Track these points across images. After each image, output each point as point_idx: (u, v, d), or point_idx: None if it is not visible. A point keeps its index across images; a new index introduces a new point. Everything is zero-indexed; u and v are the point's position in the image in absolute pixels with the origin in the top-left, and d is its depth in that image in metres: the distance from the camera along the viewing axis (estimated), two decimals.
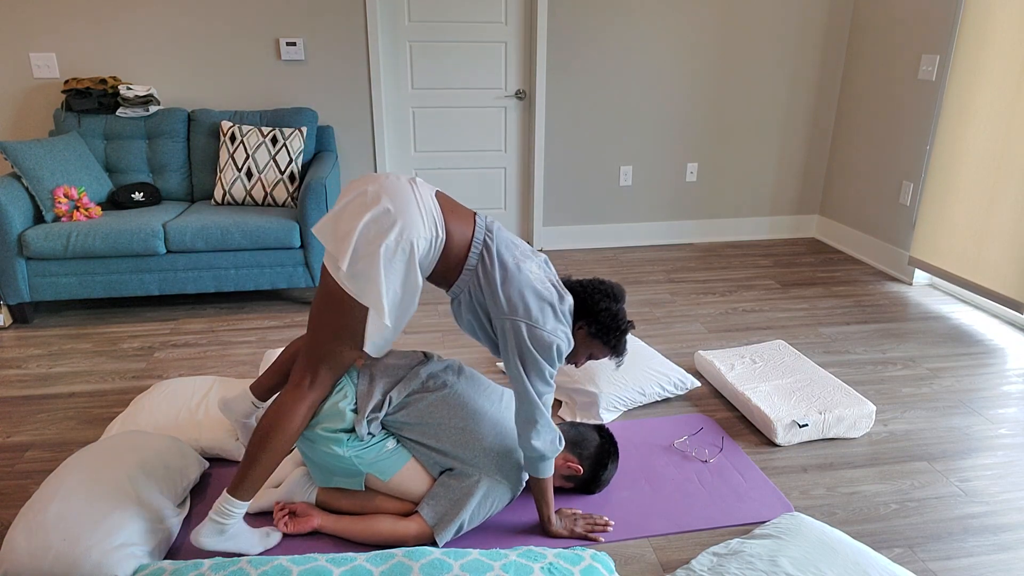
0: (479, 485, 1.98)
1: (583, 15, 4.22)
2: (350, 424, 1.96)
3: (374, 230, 1.75)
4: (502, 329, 1.87)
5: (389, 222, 1.75)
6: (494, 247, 1.90)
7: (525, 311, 1.86)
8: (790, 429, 2.48)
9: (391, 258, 1.75)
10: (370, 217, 1.75)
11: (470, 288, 1.91)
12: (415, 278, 1.81)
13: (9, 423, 2.60)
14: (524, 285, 1.88)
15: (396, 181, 1.83)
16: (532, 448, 1.91)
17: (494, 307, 1.88)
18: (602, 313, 1.99)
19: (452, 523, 1.94)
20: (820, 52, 4.56)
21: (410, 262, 1.78)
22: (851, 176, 4.60)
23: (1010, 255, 3.45)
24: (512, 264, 1.90)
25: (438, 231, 1.83)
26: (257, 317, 3.55)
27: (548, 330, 1.86)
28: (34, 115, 3.90)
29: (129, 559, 1.76)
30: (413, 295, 1.83)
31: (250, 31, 3.94)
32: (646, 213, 4.74)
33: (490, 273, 1.88)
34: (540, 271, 1.97)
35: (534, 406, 1.88)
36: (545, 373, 1.89)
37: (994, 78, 3.49)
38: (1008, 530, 2.10)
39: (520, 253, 1.95)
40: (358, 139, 4.25)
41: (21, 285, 3.33)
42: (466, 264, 1.89)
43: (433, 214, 1.83)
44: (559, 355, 1.89)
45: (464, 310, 1.96)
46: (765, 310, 3.69)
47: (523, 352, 1.86)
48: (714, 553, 1.93)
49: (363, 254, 1.74)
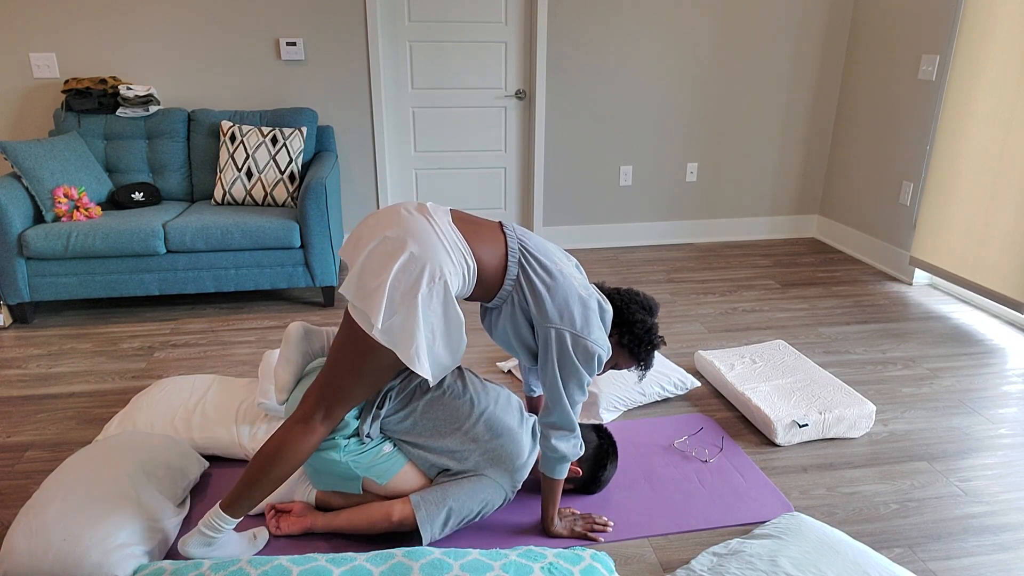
0: (470, 478, 1.98)
1: (583, 15, 4.22)
2: (350, 427, 1.96)
3: (404, 280, 1.68)
4: (545, 337, 1.85)
5: (418, 268, 1.68)
6: (531, 254, 1.88)
7: (570, 320, 1.85)
8: (790, 429, 2.48)
9: (428, 303, 1.70)
10: (398, 267, 1.68)
11: (513, 297, 1.88)
12: (456, 314, 1.76)
13: (9, 423, 2.60)
14: (568, 292, 1.87)
15: (413, 218, 1.75)
16: (555, 450, 1.91)
17: (539, 315, 1.85)
18: (637, 325, 1.99)
19: (439, 508, 1.92)
20: (820, 52, 4.56)
21: (447, 300, 1.73)
22: (851, 176, 4.60)
23: (1010, 255, 3.45)
24: (555, 270, 1.88)
25: (468, 261, 1.77)
26: (257, 317, 3.55)
27: (592, 340, 1.86)
28: (34, 115, 3.90)
29: (129, 559, 1.76)
30: (460, 329, 1.79)
31: (250, 31, 3.94)
32: (646, 213, 4.74)
33: (534, 281, 1.86)
34: (579, 275, 1.97)
35: (566, 413, 1.89)
36: (584, 381, 1.89)
37: (994, 78, 3.49)
38: (1008, 530, 2.10)
39: (557, 258, 1.94)
40: (358, 139, 4.25)
41: (21, 285, 3.33)
42: (506, 276, 1.86)
43: (459, 245, 1.77)
44: (599, 364, 1.89)
45: (503, 319, 1.92)
46: (765, 310, 3.69)
47: (564, 360, 1.85)
48: (714, 553, 1.93)
49: (398, 307, 1.68)
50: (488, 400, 2.07)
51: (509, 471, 2.02)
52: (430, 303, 1.70)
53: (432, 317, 1.72)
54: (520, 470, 2.04)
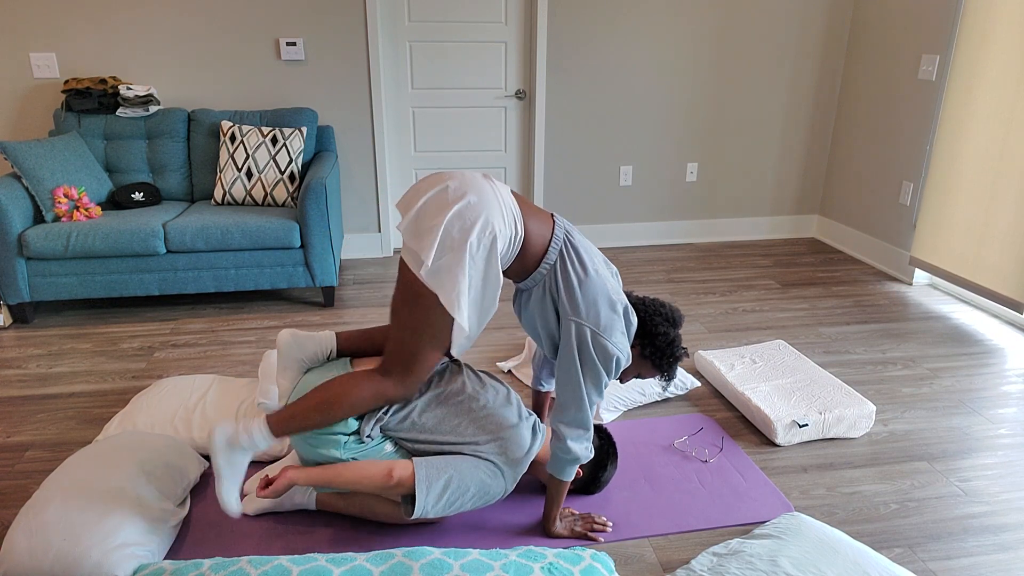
0: (473, 458, 1.97)
1: (583, 15, 4.22)
2: (351, 426, 1.96)
3: (458, 225, 1.74)
4: (567, 330, 1.87)
5: (473, 216, 1.74)
6: (574, 246, 1.91)
7: (595, 317, 1.87)
8: (790, 429, 2.48)
9: (475, 252, 1.75)
10: (455, 211, 1.74)
11: (546, 282, 1.91)
12: (496, 273, 1.80)
13: (9, 423, 2.60)
14: (599, 292, 1.89)
15: (476, 177, 1.83)
16: (569, 451, 1.92)
17: (567, 306, 1.88)
18: (659, 337, 2.00)
19: (440, 473, 1.90)
20: (820, 52, 4.56)
21: (491, 256, 1.78)
22: (851, 176, 4.60)
23: (1010, 255, 3.45)
24: (592, 268, 1.91)
25: (517, 228, 1.83)
26: (257, 317, 3.55)
27: (612, 342, 1.88)
28: (34, 115, 3.90)
29: (129, 559, 1.77)
30: (495, 291, 1.83)
31: (250, 31, 3.94)
32: (646, 213, 4.74)
33: (568, 271, 1.88)
34: (615, 281, 1.99)
35: (584, 411, 1.90)
36: (602, 381, 1.90)
37: (994, 78, 3.49)
38: (1008, 530, 2.10)
39: (598, 261, 1.97)
40: (358, 139, 4.25)
41: (21, 285, 3.33)
42: (545, 258, 1.89)
43: (512, 211, 1.83)
44: (617, 368, 1.91)
45: (533, 302, 1.95)
46: (765, 310, 3.69)
47: (584, 357, 1.87)
48: (714, 553, 1.93)
49: (448, 247, 1.73)
50: (487, 397, 2.07)
51: (509, 464, 2.01)
52: (476, 252, 1.75)
53: (474, 270, 1.76)
54: (520, 463, 2.02)
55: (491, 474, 1.97)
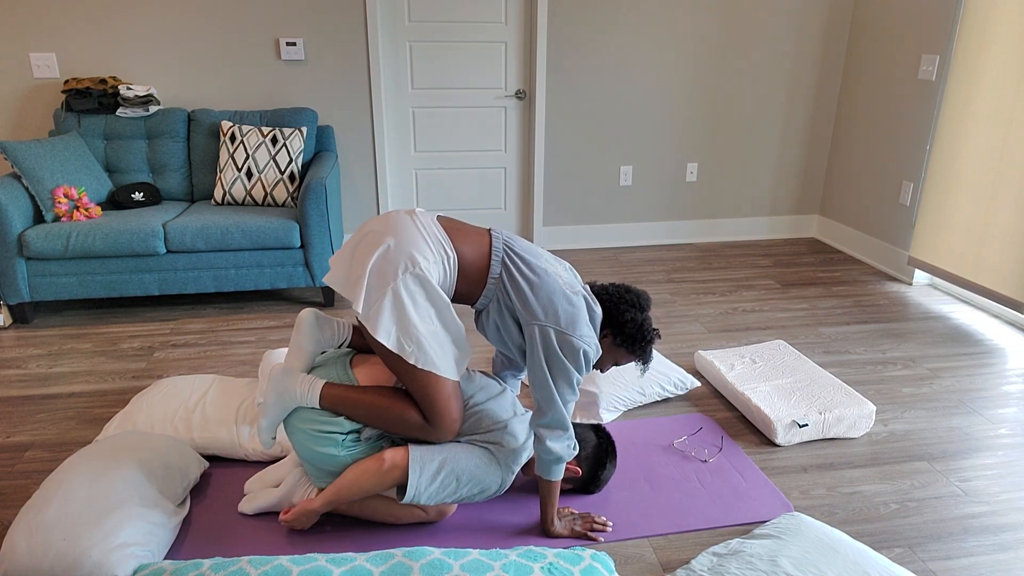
0: (468, 445, 1.98)
1: (583, 15, 4.22)
2: (345, 426, 1.96)
3: (382, 269, 1.80)
4: (531, 335, 1.88)
5: (395, 258, 1.80)
6: (516, 253, 1.93)
7: (554, 317, 1.87)
8: (790, 429, 2.48)
9: (409, 290, 1.79)
10: (376, 258, 1.81)
11: (498, 296, 1.93)
12: (443, 300, 1.84)
13: (9, 423, 2.60)
14: (553, 290, 1.90)
15: (397, 217, 1.89)
16: (550, 451, 1.92)
17: (524, 313, 1.89)
18: (628, 324, 2.00)
19: (433, 455, 1.91)
20: (820, 52, 4.56)
21: (427, 288, 1.82)
22: (851, 176, 4.60)
23: (1010, 255, 3.45)
24: (539, 269, 1.92)
25: (447, 252, 1.87)
26: (257, 317, 3.55)
27: (577, 336, 1.88)
28: (34, 115, 3.90)
29: (129, 559, 1.77)
30: (450, 314, 1.87)
31: (250, 31, 3.94)
32: (646, 213, 4.74)
33: (516, 278, 1.90)
34: (568, 275, 2.00)
35: (559, 412, 1.90)
36: (573, 379, 1.90)
37: (994, 78, 3.49)
38: (1008, 530, 2.10)
39: (545, 260, 1.97)
40: (358, 139, 4.25)
41: (21, 285, 3.33)
42: (489, 274, 1.91)
43: (438, 238, 1.87)
44: (587, 362, 1.91)
45: (492, 319, 1.97)
46: (765, 310, 3.69)
47: (551, 357, 1.87)
48: (714, 553, 1.93)
49: (376, 292, 1.79)
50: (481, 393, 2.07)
51: (505, 455, 2.00)
52: (407, 289, 1.80)
53: (414, 304, 1.81)
54: (516, 454, 2.00)
55: (486, 462, 1.97)
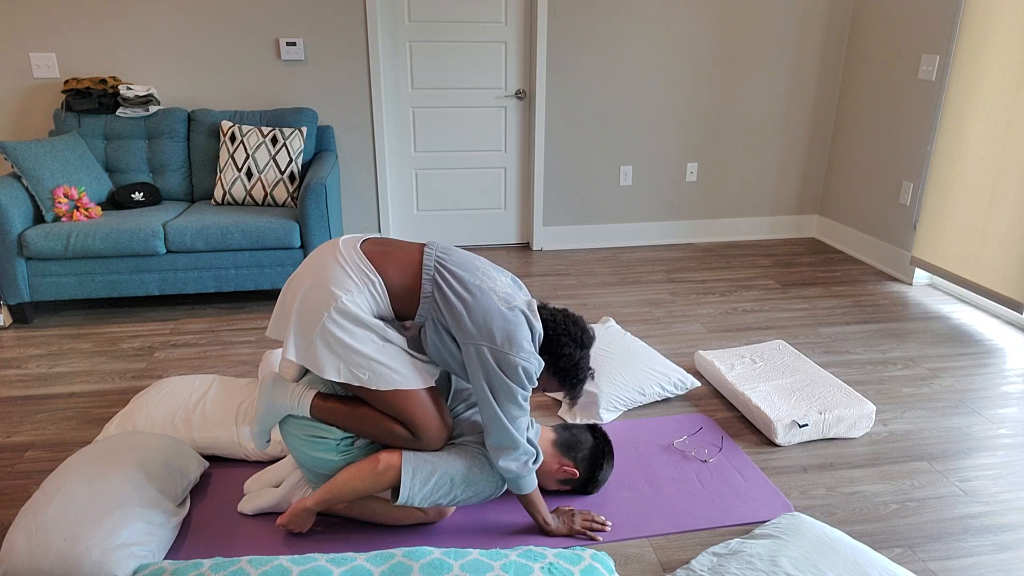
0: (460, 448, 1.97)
1: (583, 15, 4.22)
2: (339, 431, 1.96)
3: (307, 307, 1.82)
4: (468, 354, 1.84)
5: (316, 298, 1.82)
6: (448, 270, 1.88)
7: (489, 335, 1.82)
8: (790, 429, 2.48)
9: (339, 324, 1.81)
10: (299, 303, 1.84)
11: (432, 315, 1.88)
12: (374, 322, 1.85)
13: (9, 423, 2.60)
14: (488, 308, 1.84)
15: (317, 254, 1.91)
16: (507, 471, 1.89)
17: (459, 332, 1.85)
18: (564, 359, 1.94)
19: (426, 461, 1.90)
20: (820, 52, 4.56)
21: (357, 318, 1.82)
22: (851, 176, 4.60)
23: (1010, 255, 3.45)
24: (474, 285, 1.87)
25: (370, 277, 1.85)
26: (257, 317, 3.55)
27: (515, 353, 1.82)
28: (34, 115, 3.90)
29: (129, 559, 1.76)
30: (387, 329, 1.87)
31: (250, 31, 3.94)
32: (646, 213, 4.74)
33: (448, 296, 1.85)
34: (509, 289, 1.93)
35: (506, 431, 1.85)
36: (517, 396, 1.85)
37: (994, 78, 3.49)
38: (1008, 530, 2.10)
39: (483, 274, 1.91)
40: (358, 139, 4.25)
41: (21, 285, 3.33)
42: (421, 292, 1.87)
43: (360, 266, 1.86)
44: (528, 377, 1.85)
45: (430, 337, 1.91)
46: (765, 310, 3.69)
47: (490, 376, 1.83)
48: (714, 553, 1.93)
49: (305, 333, 1.82)
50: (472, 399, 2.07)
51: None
52: (336, 324, 1.81)
53: (349, 334, 1.82)
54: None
55: (481, 465, 1.96)
